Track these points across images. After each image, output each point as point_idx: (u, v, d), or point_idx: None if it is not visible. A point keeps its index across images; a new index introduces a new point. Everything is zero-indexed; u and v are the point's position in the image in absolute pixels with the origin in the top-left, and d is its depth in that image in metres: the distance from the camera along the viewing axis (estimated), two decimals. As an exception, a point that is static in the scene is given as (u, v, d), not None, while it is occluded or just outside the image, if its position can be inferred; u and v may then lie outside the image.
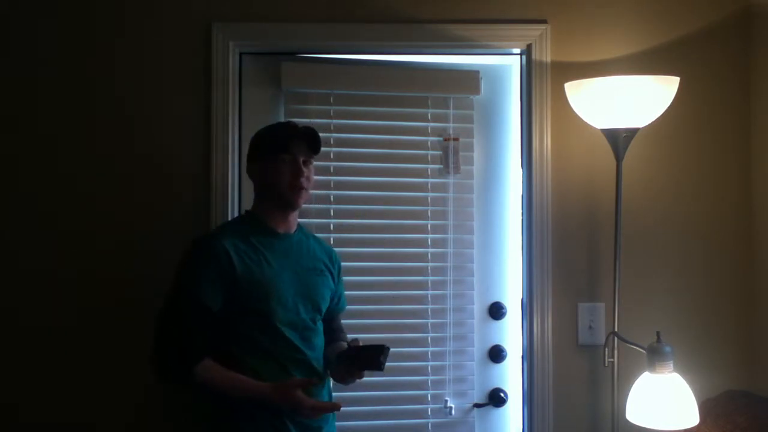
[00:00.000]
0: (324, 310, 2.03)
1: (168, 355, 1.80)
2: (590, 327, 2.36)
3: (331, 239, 2.31)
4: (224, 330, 1.86)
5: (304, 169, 1.96)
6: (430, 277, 2.40)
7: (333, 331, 2.12)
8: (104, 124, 2.29)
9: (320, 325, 2.02)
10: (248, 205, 2.34)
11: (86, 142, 2.29)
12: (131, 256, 2.28)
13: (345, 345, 2.06)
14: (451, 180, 2.41)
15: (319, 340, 2.00)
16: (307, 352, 1.92)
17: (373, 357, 1.89)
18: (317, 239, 2.12)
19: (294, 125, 2.02)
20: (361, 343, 1.98)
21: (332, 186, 2.37)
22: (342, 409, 2.06)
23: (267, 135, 2.02)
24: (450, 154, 2.41)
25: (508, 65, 2.48)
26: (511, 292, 2.46)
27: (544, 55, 2.35)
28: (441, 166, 2.41)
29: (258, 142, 2.03)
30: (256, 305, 1.87)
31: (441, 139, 2.41)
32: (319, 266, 2.03)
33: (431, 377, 2.39)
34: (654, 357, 2.02)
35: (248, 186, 2.35)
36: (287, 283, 1.92)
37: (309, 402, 1.82)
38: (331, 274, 2.08)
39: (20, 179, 2.28)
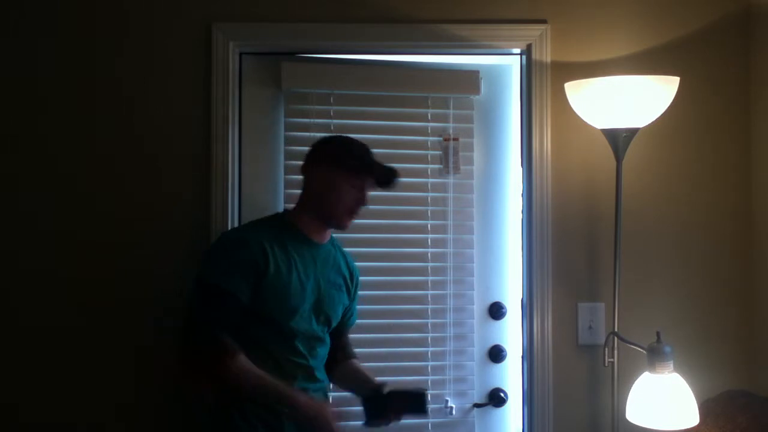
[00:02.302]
0: (334, 324, 2.02)
1: (203, 350, 1.74)
2: (590, 327, 2.36)
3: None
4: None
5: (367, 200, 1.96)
6: (430, 277, 2.40)
7: (342, 347, 2.11)
8: (104, 124, 2.29)
9: (327, 337, 2.02)
10: (248, 204, 2.35)
11: (86, 142, 2.29)
12: (131, 256, 2.28)
13: (357, 363, 2.08)
14: (451, 180, 2.42)
15: (324, 350, 2.01)
16: (310, 360, 1.92)
17: (416, 403, 1.91)
18: (344, 253, 2.11)
19: (374, 156, 1.99)
20: (389, 388, 1.98)
21: (332, 186, 2.37)
22: (342, 408, 2.06)
23: (349, 153, 1.95)
24: (450, 154, 2.41)
25: (508, 65, 2.48)
26: (511, 292, 2.46)
27: (544, 55, 2.35)
28: (441, 166, 2.41)
29: (335, 152, 1.95)
30: (276, 310, 1.85)
31: (441, 139, 2.41)
32: (339, 281, 2.03)
33: (431, 377, 2.39)
34: (654, 357, 2.02)
35: (248, 186, 2.36)
36: (309, 293, 1.91)
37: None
38: (348, 290, 2.07)
39: (20, 179, 2.28)
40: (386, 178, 1.96)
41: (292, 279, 1.88)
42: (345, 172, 1.92)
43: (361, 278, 2.28)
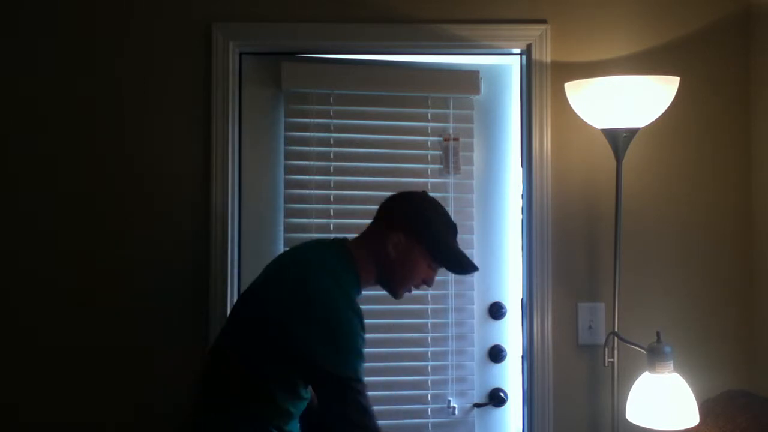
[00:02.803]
0: None
1: None
2: (590, 327, 2.36)
3: (331, 239, 2.30)
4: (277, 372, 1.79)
5: None
6: (430, 277, 2.40)
7: None
8: (104, 124, 2.29)
9: None
10: (248, 205, 2.35)
11: (86, 142, 2.29)
12: (131, 256, 2.28)
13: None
14: (451, 180, 2.42)
15: None
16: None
17: None
18: None
19: (458, 236, 1.95)
20: None
21: (332, 186, 2.37)
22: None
23: (443, 239, 1.89)
24: (450, 154, 2.41)
25: (508, 65, 2.48)
26: (511, 292, 2.46)
27: (544, 55, 2.35)
28: (441, 166, 2.41)
29: (427, 229, 1.86)
30: None
31: (441, 139, 2.41)
32: None
33: (431, 377, 2.39)
34: (654, 357, 2.02)
35: (248, 186, 2.36)
36: None
37: None
38: None
39: (20, 179, 2.28)
40: (464, 270, 1.92)
41: None
42: (430, 256, 1.87)
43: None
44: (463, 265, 1.92)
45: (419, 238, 1.86)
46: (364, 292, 2.26)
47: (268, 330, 1.75)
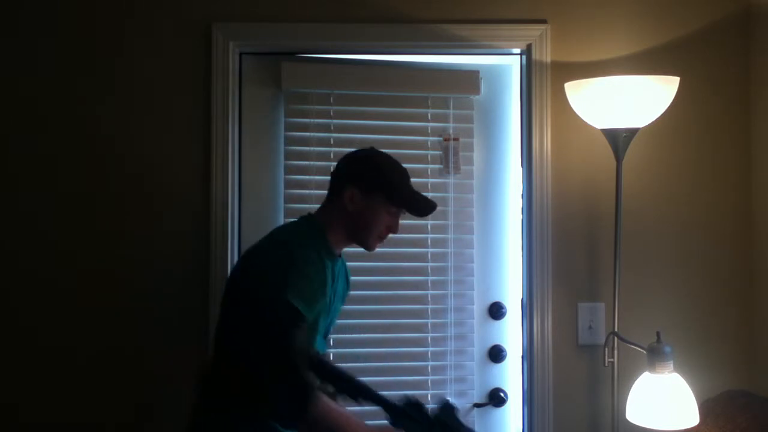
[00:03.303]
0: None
1: (284, 389, 1.61)
2: (590, 327, 2.36)
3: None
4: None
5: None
6: (430, 277, 2.40)
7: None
8: (104, 124, 2.29)
9: None
10: (248, 204, 2.35)
11: (86, 142, 2.29)
12: (131, 256, 2.28)
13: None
14: (451, 180, 2.42)
15: None
16: None
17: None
18: (344, 261, 2.06)
19: (412, 182, 1.96)
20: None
21: (332, 186, 2.37)
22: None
23: (391, 181, 1.90)
24: (450, 154, 2.41)
25: (508, 65, 2.48)
26: (511, 292, 2.46)
27: (544, 55, 2.35)
28: (441, 166, 2.41)
29: (376, 177, 1.89)
30: (310, 331, 1.75)
31: (441, 139, 2.41)
32: (341, 292, 2.00)
33: (431, 377, 2.39)
34: (654, 357, 2.02)
35: (248, 186, 2.36)
36: (329, 312, 1.89)
37: None
38: (343, 300, 2.04)
39: (20, 179, 2.28)
40: (424, 210, 1.94)
41: (326, 301, 1.84)
42: (385, 200, 1.89)
43: (361, 278, 2.29)
44: (420, 205, 1.94)
45: (372, 186, 1.89)
46: (364, 293, 2.27)
47: (240, 302, 1.77)
